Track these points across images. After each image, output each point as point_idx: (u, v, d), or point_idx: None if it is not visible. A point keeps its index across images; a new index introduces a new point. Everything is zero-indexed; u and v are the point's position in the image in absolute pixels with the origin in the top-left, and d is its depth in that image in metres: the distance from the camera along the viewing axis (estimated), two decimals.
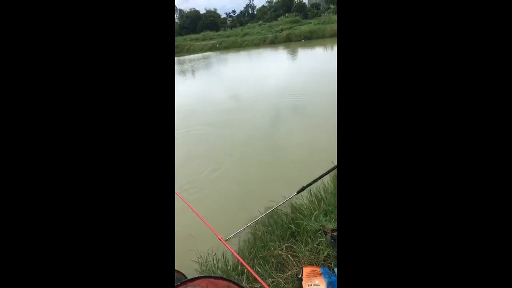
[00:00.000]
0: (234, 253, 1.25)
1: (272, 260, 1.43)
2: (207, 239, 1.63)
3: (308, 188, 1.98)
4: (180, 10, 38.60)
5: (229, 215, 2.34)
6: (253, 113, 5.11)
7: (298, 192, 1.90)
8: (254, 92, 6.64)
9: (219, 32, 27.68)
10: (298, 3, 29.49)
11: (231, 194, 2.72)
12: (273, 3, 32.86)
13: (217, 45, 22.36)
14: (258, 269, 1.39)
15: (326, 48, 12.94)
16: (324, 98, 5.20)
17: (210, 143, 4.13)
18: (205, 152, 3.80)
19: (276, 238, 1.60)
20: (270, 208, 2.00)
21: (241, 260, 1.18)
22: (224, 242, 1.40)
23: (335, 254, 1.32)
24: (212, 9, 37.49)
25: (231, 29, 28.35)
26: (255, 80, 8.40)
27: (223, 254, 1.71)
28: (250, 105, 5.77)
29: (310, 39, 16.78)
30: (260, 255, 1.52)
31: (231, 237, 1.87)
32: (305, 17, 23.95)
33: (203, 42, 24.56)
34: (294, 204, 1.99)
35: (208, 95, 7.50)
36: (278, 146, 3.68)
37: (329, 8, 23.92)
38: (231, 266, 1.60)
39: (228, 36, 24.26)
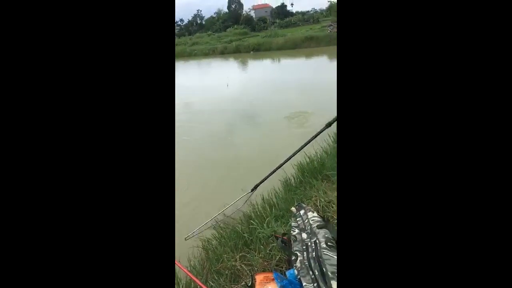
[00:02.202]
0: (189, 274, 1.20)
1: (226, 272, 1.41)
2: None
3: (261, 195, 2.04)
4: None
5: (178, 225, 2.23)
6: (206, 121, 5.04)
7: (254, 188, 1.96)
8: (207, 101, 6.58)
9: None
10: (245, 16, 30.50)
11: (182, 202, 2.61)
12: (221, 14, 33.37)
13: None
14: (211, 283, 1.35)
15: (274, 60, 13.58)
16: (275, 107, 5.42)
17: None
18: None
19: (229, 249, 1.58)
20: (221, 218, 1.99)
21: (197, 280, 1.13)
22: (178, 263, 1.33)
23: (286, 257, 1.36)
24: None
25: (179, 38, 27.78)
26: (207, 89, 8.33)
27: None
28: (203, 113, 5.69)
29: (259, 51, 17.42)
30: (214, 268, 1.48)
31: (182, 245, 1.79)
32: (253, 29, 24.85)
33: None
34: (248, 211, 2.00)
35: None
36: (231, 153, 3.68)
37: (274, 22, 25.30)
38: (184, 285, 1.52)
39: (176, 45, 23.68)
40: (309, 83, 7.08)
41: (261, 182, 2.00)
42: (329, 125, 1.81)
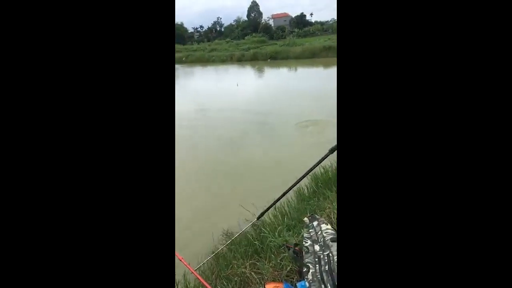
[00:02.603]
0: (198, 277, 1.20)
1: (236, 278, 1.39)
2: None
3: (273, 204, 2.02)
4: None
5: (189, 231, 2.25)
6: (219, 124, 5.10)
7: (260, 216, 1.93)
8: (221, 107, 6.67)
9: (185, 46, 27.59)
10: (264, 24, 30.95)
11: (193, 207, 2.63)
12: (240, 22, 34.01)
13: (184, 59, 22.17)
14: None
15: (290, 69, 13.64)
16: (288, 114, 5.42)
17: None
18: None
19: (240, 255, 1.57)
20: (232, 225, 1.97)
21: (205, 284, 1.13)
22: (186, 264, 1.33)
23: (297, 268, 1.33)
24: (179, 22, 37.46)
25: (198, 44, 28.49)
26: (222, 95, 8.45)
27: (183, 275, 1.62)
28: (216, 119, 5.76)
29: (276, 59, 17.57)
30: (223, 274, 1.47)
31: (197, 264, 1.79)
32: (271, 38, 25.13)
33: None
34: (259, 221, 1.99)
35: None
36: (243, 160, 3.69)
37: (293, 31, 25.49)
38: None
39: (195, 50, 24.30)
40: (324, 92, 7.05)
41: (266, 211, 1.97)
42: (332, 151, 1.71)
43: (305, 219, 1.59)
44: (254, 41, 22.76)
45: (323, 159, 1.80)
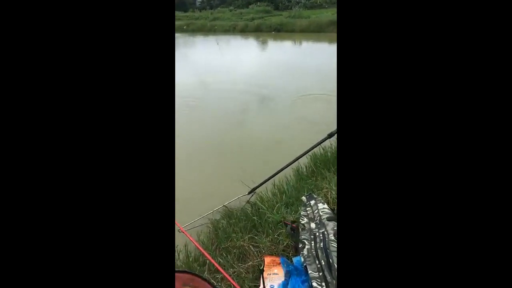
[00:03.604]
0: (198, 246, 1.27)
1: (234, 251, 1.47)
2: None
3: (272, 180, 2.07)
4: None
5: (190, 203, 2.32)
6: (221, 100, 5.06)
7: (252, 190, 1.99)
8: (223, 80, 6.54)
9: (187, 13, 26.27)
10: None
11: (192, 181, 2.69)
12: None
13: (185, 27, 21.21)
14: (220, 259, 1.42)
15: (295, 43, 13.13)
16: (290, 90, 5.35)
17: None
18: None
19: (239, 229, 1.64)
20: (231, 199, 2.05)
21: (205, 254, 1.20)
22: (187, 234, 1.40)
23: (293, 244, 1.40)
24: None
25: (200, 11, 27.10)
26: (224, 67, 8.23)
27: (185, 246, 1.70)
28: (218, 92, 5.70)
29: (280, 31, 16.83)
30: (223, 246, 1.55)
31: (191, 225, 1.88)
32: (276, 8, 23.86)
33: None
34: (257, 197, 2.05)
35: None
36: (244, 135, 3.71)
37: (299, 2, 24.16)
38: (193, 258, 1.61)
39: (197, 19, 23.15)
40: (329, 69, 6.88)
41: (258, 186, 2.03)
42: (330, 136, 1.74)
43: (303, 197, 1.64)
44: (259, 11, 21.63)
45: (320, 142, 1.82)
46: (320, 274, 1.11)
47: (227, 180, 2.63)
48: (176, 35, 18.81)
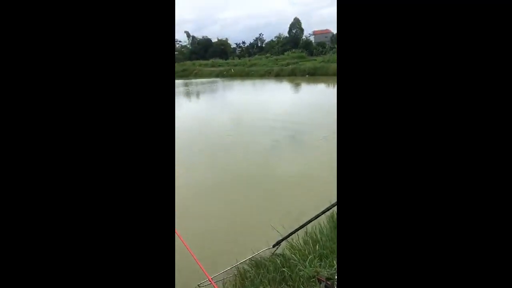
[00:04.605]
0: None
1: None
2: (188, 272, 1.54)
3: (304, 227, 1.91)
4: (193, 37, 40.69)
5: (216, 246, 2.23)
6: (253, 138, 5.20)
7: (277, 244, 1.78)
8: (256, 118, 6.79)
9: (227, 60, 28.93)
10: (305, 40, 31.19)
11: (221, 223, 2.63)
12: (281, 38, 34.73)
13: (224, 72, 23.20)
14: None
15: (328, 85, 13.41)
16: (322, 129, 5.31)
17: (210, 165, 4.11)
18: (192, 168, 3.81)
19: (267, 281, 1.50)
20: (260, 250, 1.88)
21: None
22: (214, 283, 1.31)
23: None
24: (224, 38, 39.59)
25: (239, 58, 29.65)
26: (258, 107, 8.60)
27: None
28: (251, 128, 5.91)
29: (314, 75, 17.47)
30: None
31: (219, 276, 1.76)
32: (311, 54, 25.15)
33: (212, 68, 25.54)
34: (288, 245, 1.90)
35: (210, 116, 7.67)
36: (274, 176, 3.65)
37: (333, 47, 25.22)
38: None
39: (236, 65, 25.30)
40: None
41: (286, 237, 1.79)
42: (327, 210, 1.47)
43: None
44: (293, 57, 22.99)
45: (324, 211, 1.58)
46: None
47: (255, 220, 2.52)
48: (216, 80, 20.56)
